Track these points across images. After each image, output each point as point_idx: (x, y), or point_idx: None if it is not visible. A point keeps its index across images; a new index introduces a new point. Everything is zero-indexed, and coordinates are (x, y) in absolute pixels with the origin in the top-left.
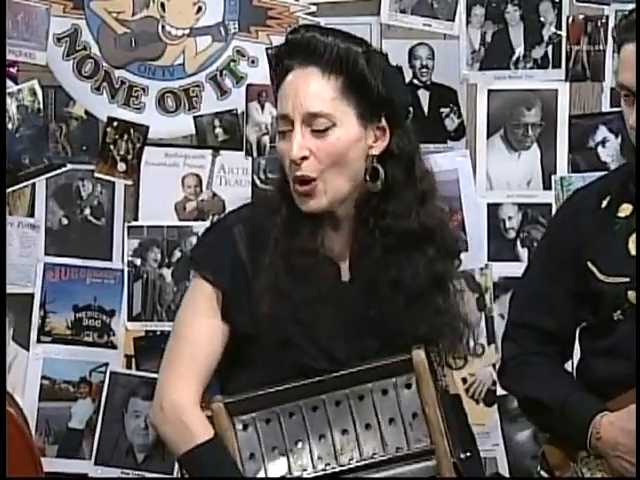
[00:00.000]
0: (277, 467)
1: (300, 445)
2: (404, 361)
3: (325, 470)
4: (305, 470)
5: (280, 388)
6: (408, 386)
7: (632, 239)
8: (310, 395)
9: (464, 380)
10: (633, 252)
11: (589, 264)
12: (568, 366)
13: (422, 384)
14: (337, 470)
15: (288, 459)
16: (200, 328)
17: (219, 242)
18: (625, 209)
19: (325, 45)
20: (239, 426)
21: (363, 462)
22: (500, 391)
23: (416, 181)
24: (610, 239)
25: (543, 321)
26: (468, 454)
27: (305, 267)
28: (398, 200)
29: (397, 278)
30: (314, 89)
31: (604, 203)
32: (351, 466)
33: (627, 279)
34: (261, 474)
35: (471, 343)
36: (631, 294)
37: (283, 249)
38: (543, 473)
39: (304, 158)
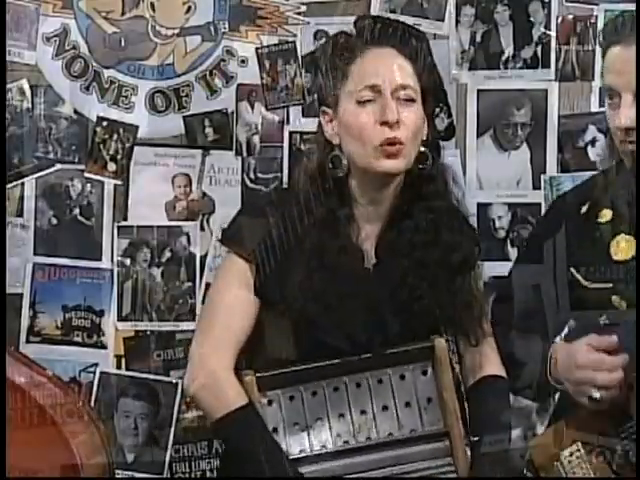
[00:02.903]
0: (298, 442)
1: (320, 422)
2: (424, 348)
3: (343, 447)
4: (324, 446)
5: (306, 367)
6: (424, 373)
7: (613, 244)
8: (333, 375)
9: None
10: (615, 257)
11: (573, 271)
12: None
13: (441, 370)
14: (355, 447)
15: (309, 435)
16: (232, 300)
17: (251, 220)
18: (605, 214)
19: (399, 33)
20: (264, 401)
21: (379, 441)
22: None
23: (442, 167)
24: (592, 245)
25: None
26: (477, 437)
27: (338, 262)
28: (435, 182)
29: (439, 255)
30: (401, 64)
31: (583, 209)
32: (368, 444)
33: (610, 284)
34: (284, 451)
35: (485, 326)
36: (615, 299)
37: (319, 250)
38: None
39: (398, 122)
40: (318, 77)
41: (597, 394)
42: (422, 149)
